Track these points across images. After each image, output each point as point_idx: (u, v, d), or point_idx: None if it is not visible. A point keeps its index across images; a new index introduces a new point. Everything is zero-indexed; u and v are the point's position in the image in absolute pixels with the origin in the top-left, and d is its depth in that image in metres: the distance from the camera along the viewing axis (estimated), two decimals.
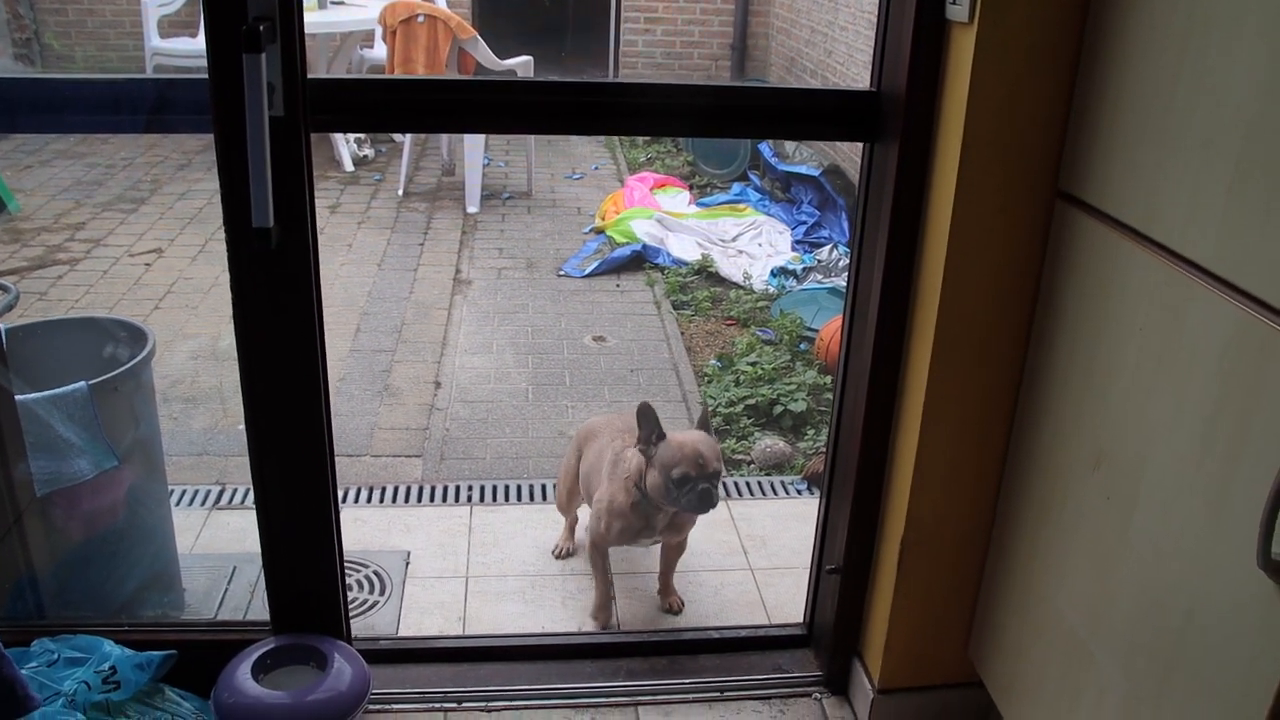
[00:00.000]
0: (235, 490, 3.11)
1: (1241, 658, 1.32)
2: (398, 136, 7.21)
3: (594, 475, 2.67)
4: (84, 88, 1.97)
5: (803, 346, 4.44)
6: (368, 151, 7.13)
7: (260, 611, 2.49)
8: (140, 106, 1.95)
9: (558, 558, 2.86)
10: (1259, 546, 1.23)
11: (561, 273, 5.30)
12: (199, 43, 7.12)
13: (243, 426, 1.98)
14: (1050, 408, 1.80)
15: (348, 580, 2.61)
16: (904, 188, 1.87)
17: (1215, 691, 1.37)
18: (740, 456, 3.61)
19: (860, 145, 2.01)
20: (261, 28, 1.59)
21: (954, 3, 1.71)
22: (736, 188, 6.65)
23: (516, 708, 2.21)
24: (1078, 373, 1.71)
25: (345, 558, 2.15)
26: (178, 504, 3.01)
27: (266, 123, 1.62)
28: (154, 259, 5.18)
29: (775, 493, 3.30)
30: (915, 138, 1.83)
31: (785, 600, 2.68)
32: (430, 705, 2.20)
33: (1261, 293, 1.28)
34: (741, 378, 4.14)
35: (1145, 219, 1.52)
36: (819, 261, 5.25)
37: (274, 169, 1.66)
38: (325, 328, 1.93)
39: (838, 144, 6.39)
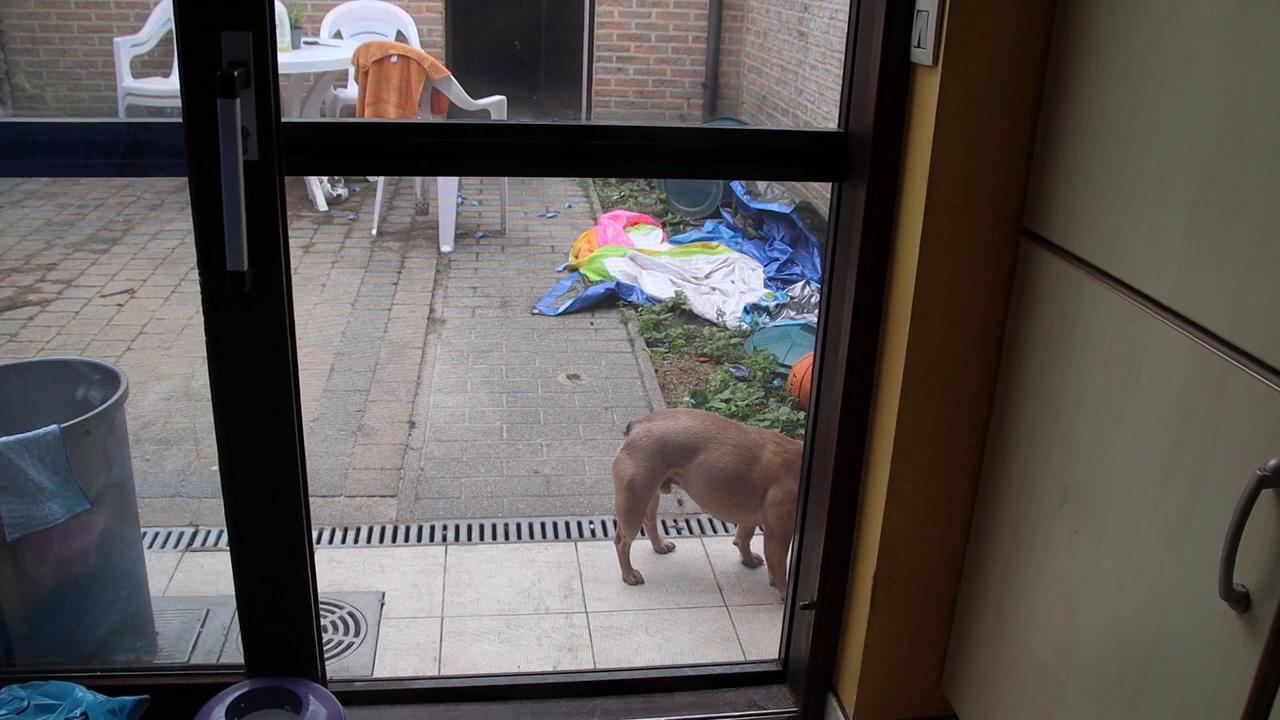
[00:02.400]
0: (208, 532, 3.10)
1: (1205, 688, 1.34)
2: (371, 176, 7.23)
3: (746, 477, 2.91)
4: (57, 131, 1.98)
5: (776, 383, 4.46)
6: (341, 191, 7.15)
7: (234, 654, 2.48)
8: (114, 150, 1.95)
9: (637, 583, 2.96)
10: (1220, 577, 1.25)
11: (535, 311, 5.31)
12: (172, 83, 7.13)
13: (216, 468, 1.98)
14: (1019, 442, 1.83)
15: (322, 622, 2.60)
16: (872, 226, 1.90)
17: None
18: None
19: (830, 184, 2.04)
20: (236, 73, 1.61)
21: (919, 46, 1.75)
22: (709, 225, 6.70)
23: None
24: (1044, 408, 1.74)
25: (320, 599, 2.14)
26: (150, 547, 3.00)
27: (241, 167, 1.64)
28: (126, 300, 5.16)
29: None
30: (882, 178, 1.87)
31: (760, 636, 2.68)
32: None
33: (1218, 328, 1.32)
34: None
35: (1106, 256, 1.56)
36: (791, 298, 5.30)
37: (248, 212, 1.68)
38: (299, 368, 1.93)
39: (810, 182, 6.46)
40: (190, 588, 2.85)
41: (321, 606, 2.62)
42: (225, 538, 2.15)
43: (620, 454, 3.02)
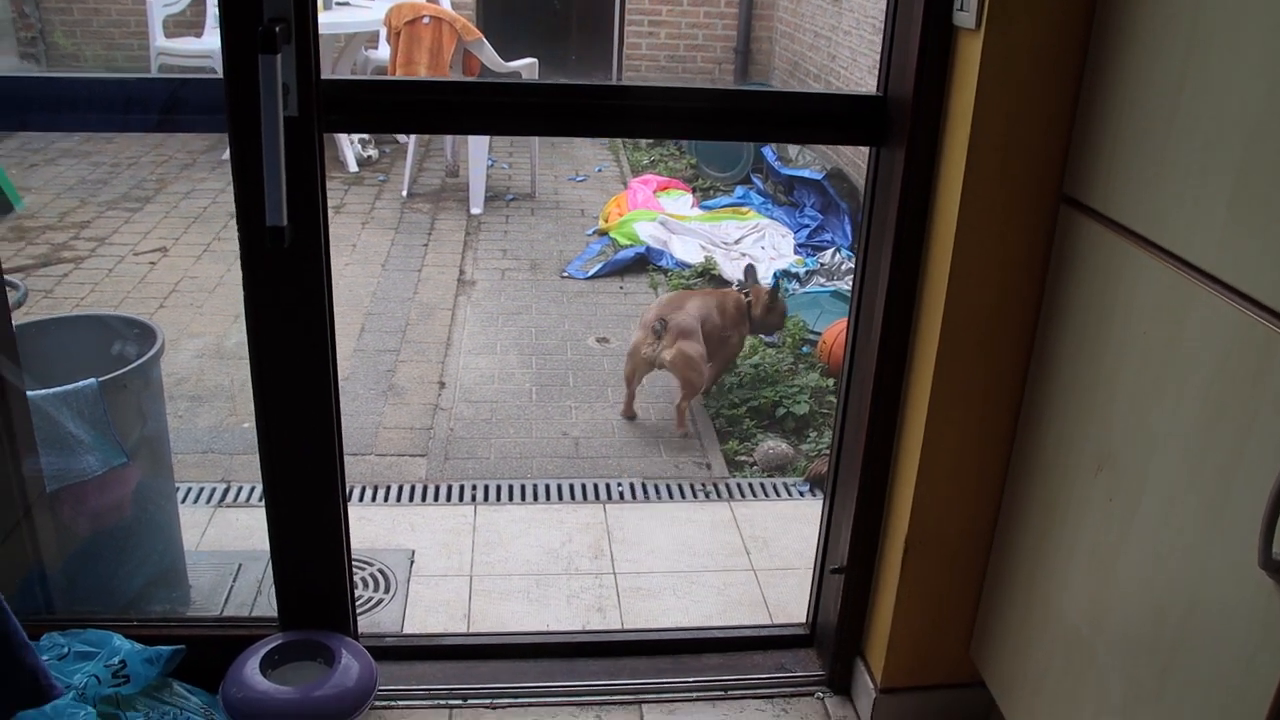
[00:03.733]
0: (240, 488, 3.13)
1: (1240, 657, 1.33)
2: (402, 137, 7.23)
3: (722, 328, 4.06)
4: (96, 87, 1.99)
5: (805, 349, 4.45)
6: (372, 152, 7.15)
7: (265, 609, 2.51)
8: (152, 106, 1.96)
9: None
10: (1260, 547, 1.25)
11: (565, 274, 5.32)
12: (204, 43, 7.14)
13: (248, 424, 2.00)
14: (1054, 410, 1.82)
15: (353, 578, 2.63)
16: (910, 192, 1.88)
17: (1214, 690, 1.39)
18: (743, 458, 3.63)
19: (866, 150, 2.02)
20: (277, 29, 1.61)
21: (961, 9, 1.73)
22: (739, 191, 6.67)
23: (521, 705, 2.22)
24: (1082, 376, 1.73)
25: (352, 555, 2.16)
26: (183, 501, 3.03)
27: (281, 123, 1.64)
28: (159, 258, 5.20)
29: (778, 494, 3.32)
30: (922, 142, 1.85)
31: (788, 600, 2.69)
32: (436, 702, 2.22)
33: (1263, 296, 1.30)
34: (744, 380, 4.15)
35: (1149, 224, 1.54)
36: (821, 265, 5.27)
37: (287, 168, 1.68)
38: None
39: (841, 148, 6.41)
40: (223, 542, 2.88)
41: (352, 563, 2.65)
42: (257, 493, 2.17)
43: (680, 344, 3.78)
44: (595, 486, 3.28)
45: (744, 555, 2.92)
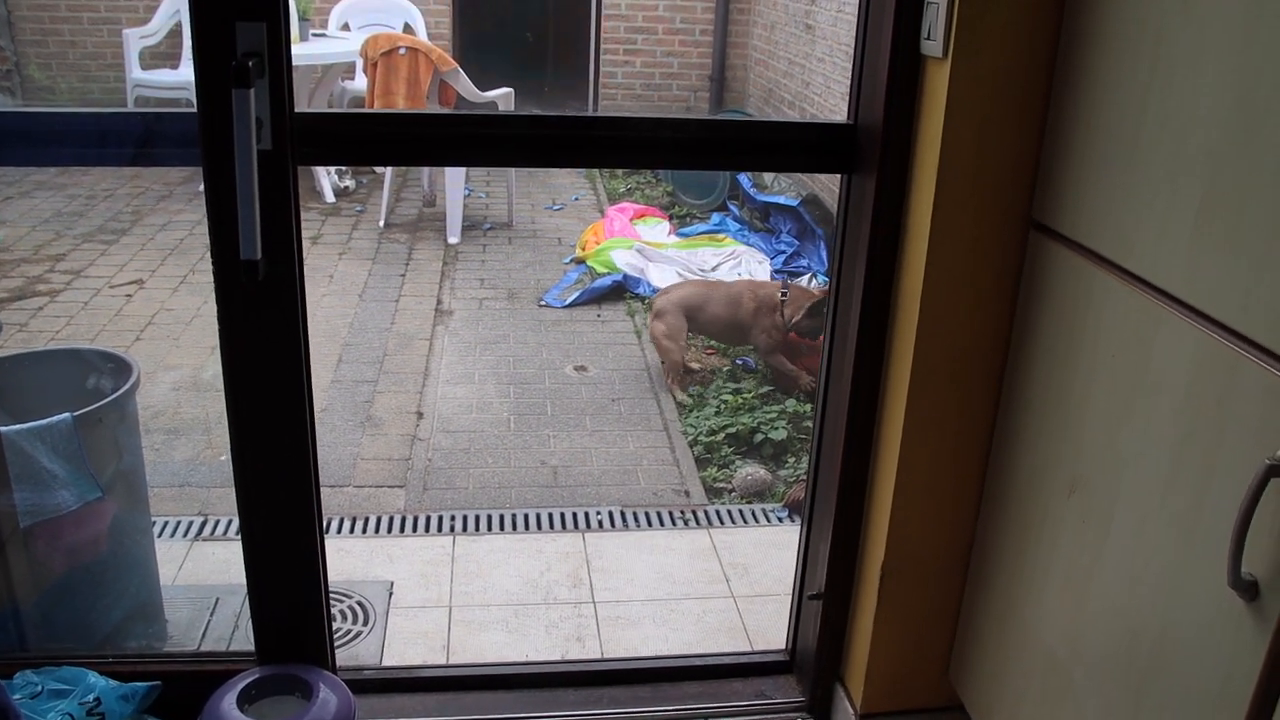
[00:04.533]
0: (218, 521, 3.11)
1: (1214, 677, 1.34)
2: (379, 168, 7.24)
3: (737, 320, 4.48)
4: (71, 121, 1.99)
5: None
6: (349, 183, 7.16)
7: (243, 643, 2.49)
8: (127, 140, 1.96)
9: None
10: (1229, 566, 1.26)
11: (542, 303, 5.32)
12: (180, 74, 7.15)
13: (225, 458, 1.99)
14: (1027, 434, 1.84)
15: (331, 610, 2.62)
16: (881, 218, 1.90)
17: (1189, 711, 1.40)
18: (721, 484, 3.63)
19: (838, 176, 2.04)
20: (250, 63, 1.62)
21: (928, 38, 1.75)
22: (716, 218, 6.70)
23: None
24: (1052, 399, 1.75)
25: (329, 588, 2.15)
26: (160, 535, 3.01)
27: (255, 157, 1.64)
28: (135, 290, 5.18)
29: (757, 520, 3.32)
30: (892, 169, 1.87)
31: (767, 627, 2.69)
32: None
33: (1227, 319, 1.32)
34: (722, 406, 4.16)
35: (1116, 248, 1.56)
36: None
37: (261, 202, 1.68)
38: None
39: (816, 174, 6.46)
40: (200, 576, 2.86)
41: (331, 595, 2.63)
42: (234, 527, 2.16)
43: (653, 321, 4.45)
44: (574, 515, 3.28)
45: (723, 582, 2.92)
